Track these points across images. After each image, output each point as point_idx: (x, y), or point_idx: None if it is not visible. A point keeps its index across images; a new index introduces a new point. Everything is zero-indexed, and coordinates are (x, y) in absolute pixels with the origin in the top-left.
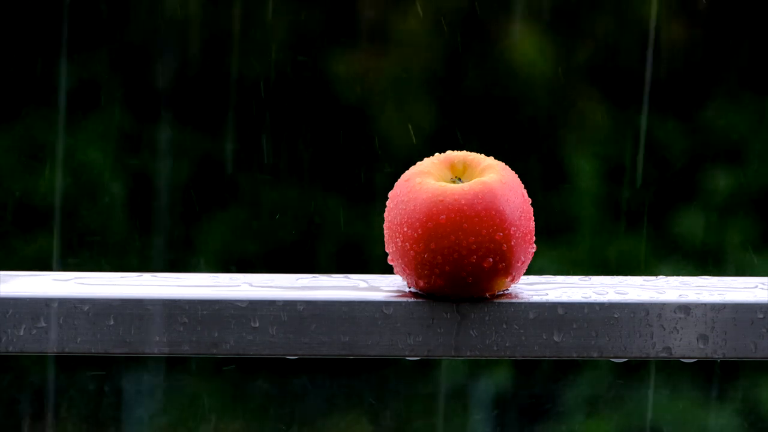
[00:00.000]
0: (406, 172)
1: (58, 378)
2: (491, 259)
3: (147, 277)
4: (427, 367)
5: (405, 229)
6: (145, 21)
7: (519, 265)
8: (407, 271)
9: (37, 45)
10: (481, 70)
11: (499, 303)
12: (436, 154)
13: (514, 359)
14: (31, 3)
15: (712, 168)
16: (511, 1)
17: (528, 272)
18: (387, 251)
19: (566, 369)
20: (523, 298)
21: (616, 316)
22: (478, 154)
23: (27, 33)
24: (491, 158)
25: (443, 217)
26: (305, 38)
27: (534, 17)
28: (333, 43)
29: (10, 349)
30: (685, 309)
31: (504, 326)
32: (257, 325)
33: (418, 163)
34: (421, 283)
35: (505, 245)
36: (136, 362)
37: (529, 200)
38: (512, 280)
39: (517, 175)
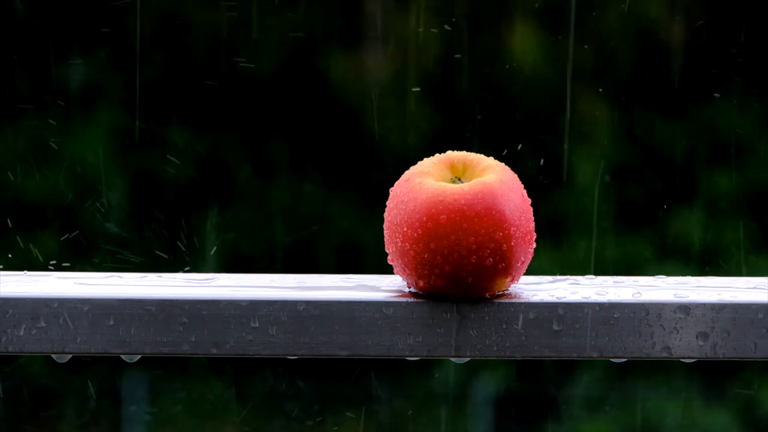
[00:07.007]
0: (406, 172)
1: (57, 378)
2: (491, 259)
3: (147, 277)
4: (427, 367)
5: (405, 229)
6: (146, 20)
7: (519, 265)
8: (407, 271)
9: (38, 45)
10: (480, 71)
11: (499, 303)
12: (436, 154)
13: (514, 359)
14: (32, 3)
15: (712, 168)
16: (510, 1)
17: (528, 272)
18: (387, 251)
19: (566, 369)
20: (523, 298)
21: (616, 316)
22: (478, 154)
23: (27, 33)
24: (491, 158)
25: (443, 217)
26: (305, 39)
27: (534, 17)
28: (333, 43)
29: (10, 349)
30: (685, 309)
31: (504, 326)
32: (257, 325)
33: (418, 163)
34: (421, 283)
35: (505, 245)
36: (136, 362)
37: (529, 200)
38: (512, 280)
39: (516, 176)
